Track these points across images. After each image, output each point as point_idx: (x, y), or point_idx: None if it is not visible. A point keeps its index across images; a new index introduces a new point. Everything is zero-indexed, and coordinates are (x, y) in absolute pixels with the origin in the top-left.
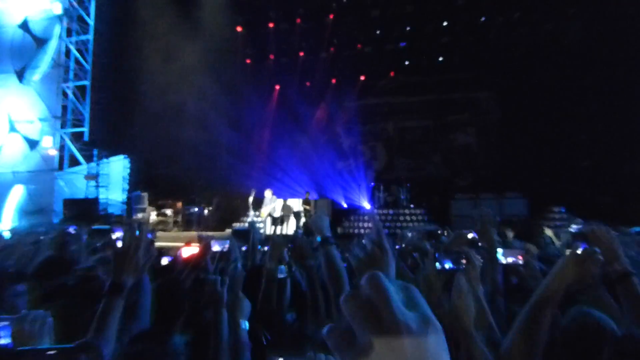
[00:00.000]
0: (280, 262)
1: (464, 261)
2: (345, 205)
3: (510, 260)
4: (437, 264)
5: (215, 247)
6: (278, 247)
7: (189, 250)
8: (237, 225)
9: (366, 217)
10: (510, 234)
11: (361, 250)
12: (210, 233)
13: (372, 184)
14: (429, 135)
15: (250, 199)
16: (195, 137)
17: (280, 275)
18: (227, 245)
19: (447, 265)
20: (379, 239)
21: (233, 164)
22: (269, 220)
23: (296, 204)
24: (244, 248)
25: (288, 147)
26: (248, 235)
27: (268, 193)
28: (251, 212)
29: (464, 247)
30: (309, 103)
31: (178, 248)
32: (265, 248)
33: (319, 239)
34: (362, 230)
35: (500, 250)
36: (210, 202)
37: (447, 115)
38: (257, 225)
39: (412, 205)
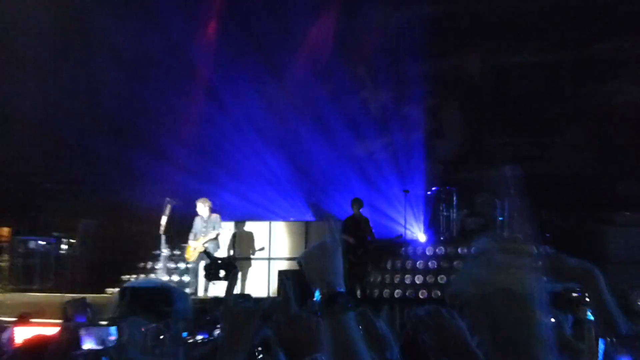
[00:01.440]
0: None
1: None
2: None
3: None
4: None
5: (88, 344)
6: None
7: (26, 332)
8: (131, 278)
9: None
10: None
11: None
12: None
13: (434, 189)
14: (558, 83)
15: (163, 221)
16: (43, 104)
17: None
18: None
19: None
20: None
21: (123, 154)
22: (202, 265)
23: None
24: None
25: (245, 113)
26: (157, 303)
27: (202, 207)
28: (164, 250)
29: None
30: (289, 15)
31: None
32: (198, 337)
33: (317, 295)
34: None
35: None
36: (75, 229)
37: (597, 40)
38: (179, 279)
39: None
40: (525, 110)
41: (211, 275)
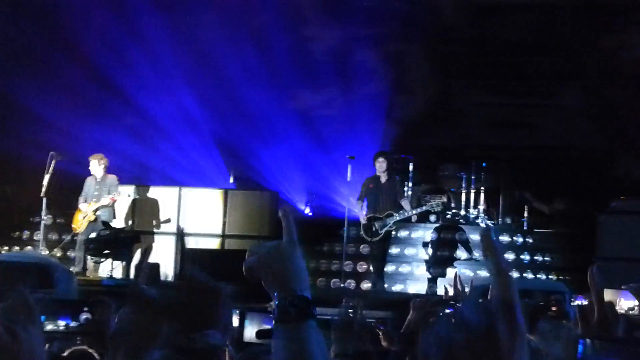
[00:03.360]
0: None
1: None
2: (309, 213)
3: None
4: None
5: None
6: None
7: None
8: (2, 250)
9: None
10: None
11: None
12: None
13: (409, 157)
14: (551, 30)
15: (45, 181)
16: None
17: None
18: None
19: None
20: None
21: None
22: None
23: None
24: None
25: (152, 45)
26: (34, 283)
27: (96, 165)
28: (45, 217)
29: None
30: None
31: None
32: (60, 323)
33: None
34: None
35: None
36: None
37: None
38: (62, 253)
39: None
40: (508, 64)
41: (97, 250)
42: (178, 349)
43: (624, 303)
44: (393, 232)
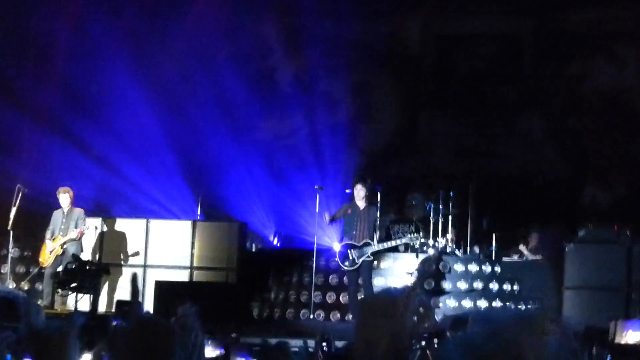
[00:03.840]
0: None
1: None
2: (277, 244)
3: None
4: None
5: None
6: None
7: None
8: None
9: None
10: None
11: None
12: None
13: (378, 187)
14: (515, 60)
15: (12, 213)
16: None
17: None
18: None
19: None
20: None
21: None
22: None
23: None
24: None
25: (121, 78)
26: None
27: (64, 198)
28: (12, 249)
29: None
30: None
31: None
32: None
33: None
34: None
35: None
36: None
37: (565, 8)
38: (29, 287)
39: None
40: (473, 93)
41: (65, 283)
42: None
43: (632, 335)
44: (374, 263)
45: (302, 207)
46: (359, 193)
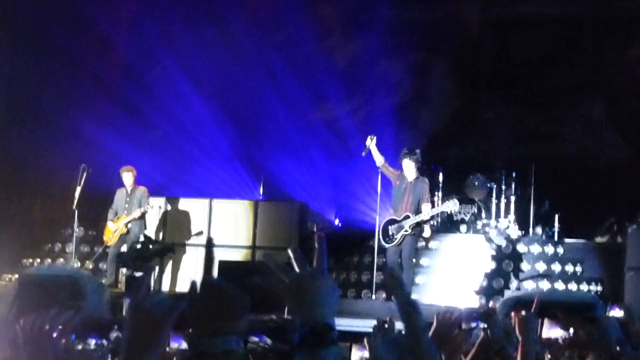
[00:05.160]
0: None
1: None
2: (339, 224)
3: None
4: None
5: None
6: None
7: None
8: (34, 263)
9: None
10: None
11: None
12: None
13: (433, 166)
14: (575, 43)
15: (77, 193)
16: None
17: None
18: None
19: None
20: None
21: (28, 107)
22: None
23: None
24: None
25: (180, 65)
26: (65, 296)
27: (127, 177)
28: (76, 229)
29: None
30: None
31: None
32: (90, 342)
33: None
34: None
35: None
36: None
37: None
38: (93, 266)
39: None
40: (533, 76)
41: (129, 263)
42: (198, 352)
43: None
44: (422, 244)
45: (363, 188)
46: (407, 167)
